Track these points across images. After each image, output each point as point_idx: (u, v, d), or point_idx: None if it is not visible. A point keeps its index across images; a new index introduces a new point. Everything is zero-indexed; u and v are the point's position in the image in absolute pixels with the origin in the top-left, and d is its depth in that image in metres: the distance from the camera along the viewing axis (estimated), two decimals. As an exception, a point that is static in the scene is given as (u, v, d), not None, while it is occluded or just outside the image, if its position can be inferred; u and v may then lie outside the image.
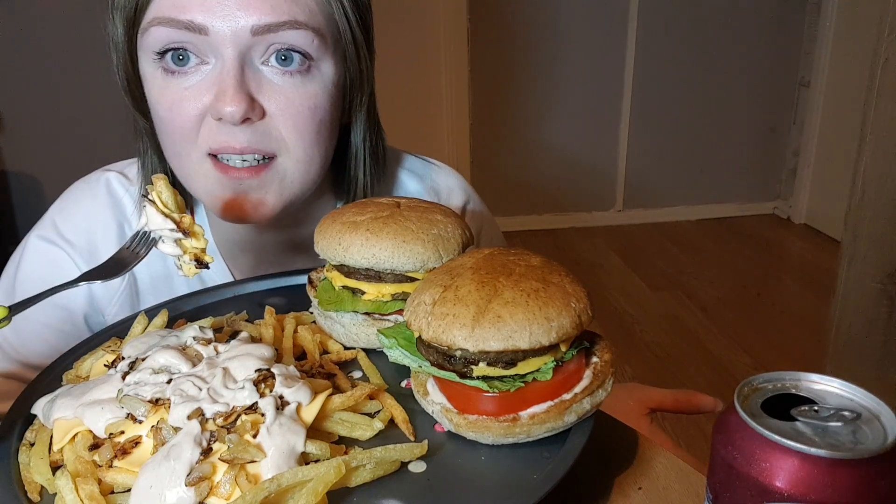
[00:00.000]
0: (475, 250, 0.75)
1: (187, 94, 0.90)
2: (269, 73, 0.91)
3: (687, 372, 3.13)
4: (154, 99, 0.93)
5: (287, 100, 0.91)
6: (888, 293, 2.32)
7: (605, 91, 4.58)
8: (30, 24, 3.44)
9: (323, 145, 0.97)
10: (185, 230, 0.77)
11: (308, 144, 0.94)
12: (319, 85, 0.93)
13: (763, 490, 0.48)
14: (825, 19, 4.38)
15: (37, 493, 0.62)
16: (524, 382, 0.65)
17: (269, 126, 0.91)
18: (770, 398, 0.53)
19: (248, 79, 0.89)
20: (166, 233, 0.76)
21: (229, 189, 0.93)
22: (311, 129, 0.94)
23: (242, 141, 0.90)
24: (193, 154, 0.93)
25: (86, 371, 0.78)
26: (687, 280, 4.01)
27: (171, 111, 0.91)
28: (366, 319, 0.82)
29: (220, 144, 0.90)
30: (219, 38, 0.86)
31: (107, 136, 1.00)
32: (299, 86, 0.91)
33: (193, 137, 0.91)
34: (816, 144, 4.61)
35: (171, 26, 0.87)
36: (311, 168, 0.97)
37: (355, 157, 1.07)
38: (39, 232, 1.08)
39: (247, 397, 0.64)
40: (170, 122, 0.92)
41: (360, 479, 0.62)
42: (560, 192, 4.74)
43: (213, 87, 0.89)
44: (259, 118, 0.90)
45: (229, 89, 0.87)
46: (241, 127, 0.89)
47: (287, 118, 0.91)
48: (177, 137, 0.92)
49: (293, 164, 0.95)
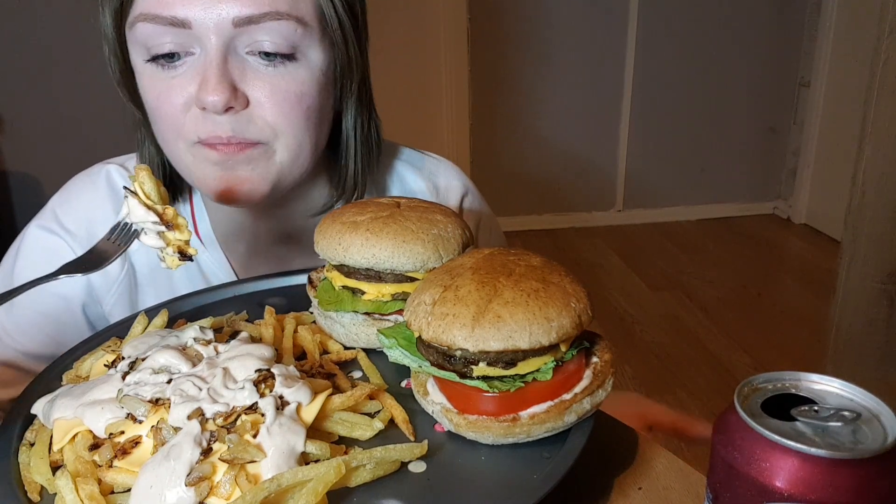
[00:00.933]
0: (475, 250, 0.75)
1: (173, 84, 0.91)
2: (253, 62, 0.91)
3: (687, 372, 3.13)
4: (144, 89, 0.94)
5: (272, 87, 0.91)
6: (888, 293, 2.32)
7: (605, 91, 4.58)
8: (30, 24, 3.44)
9: (313, 132, 0.97)
10: (168, 222, 0.76)
11: (298, 131, 0.94)
12: (307, 72, 0.93)
13: (763, 490, 0.48)
14: (825, 19, 4.38)
15: (37, 493, 0.62)
16: (524, 382, 0.65)
17: (254, 114, 0.92)
18: (770, 398, 0.53)
19: (232, 67, 0.90)
20: (149, 225, 0.75)
21: (220, 168, 0.94)
22: (299, 116, 0.94)
23: (227, 130, 0.91)
24: (181, 142, 0.94)
25: (86, 371, 0.78)
26: (687, 280, 4.01)
27: (158, 100, 0.92)
28: (366, 319, 0.82)
29: (207, 134, 0.91)
30: (201, 30, 0.87)
31: (107, 137, 1.00)
32: (285, 73, 0.92)
33: (180, 127, 0.92)
34: (816, 144, 4.61)
35: (155, 22, 0.88)
36: (301, 153, 0.97)
37: (346, 144, 1.07)
38: (40, 222, 1.09)
39: (247, 397, 0.64)
40: (158, 112, 0.93)
41: (360, 479, 0.62)
42: (560, 191, 4.74)
43: (197, 76, 0.89)
44: (243, 107, 0.91)
45: (212, 78, 0.87)
46: (226, 116, 0.90)
47: (273, 105, 0.92)
48: (166, 127, 0.94)
49: (283, 148, 0.95)
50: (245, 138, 0.92)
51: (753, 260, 4.39)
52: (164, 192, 0.81)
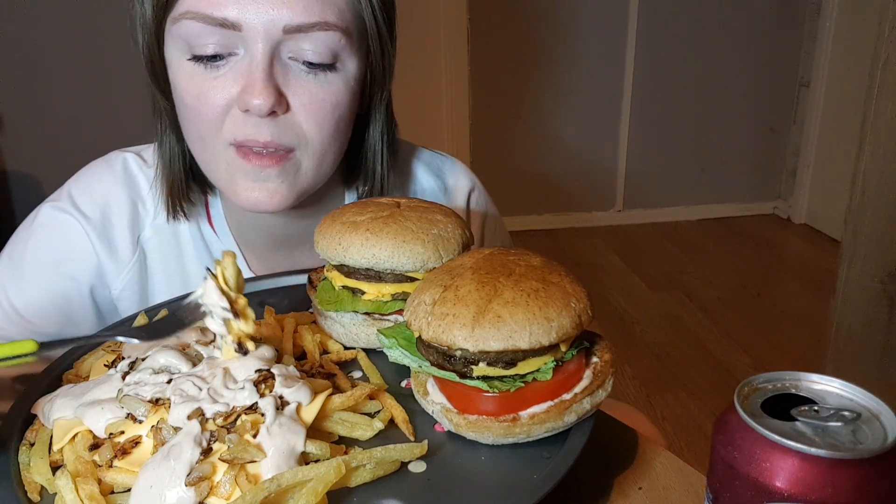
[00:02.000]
0: (475, 250, 0.75)
1: (215, 85, 0.90)
2: (295, 68, 0.91)
3: (687, 372, 3.13)
4: (180, 86, 0.93)
5: (311, 95, 0.92)
6: (888, 293, 2.32)
7: (605, 91, 4.58)
8: (30, 24, 3.44)
9: (339, 140, 0.99)
10: (237, 311, 0.74)
11: (325, 139, 0.96)
12: (343, 81, 0.94)
13: (763, 490, 0.48)
14: (825, 19, 4.37)
15: (37, 493, 0.62)
16: (524, 382, 0.65)
17: (291, 121, 0.92)
18: (770, 398, 0.53)
19: (277, 72, 0.90)
20: (218, 310, 0.74)
21: (250, 177, 0.94)
22: (330, 125, 0.95)
23: (266, 135, 0.91)
24: (217, 143, 0.93)
25: (86, 371, 0.78)
26: (687, 280, 4.01)
27: (197, 100, 0.91)
28: (366, 319, 0.82)
29: (245, 137, 0.91)
30: (251, 33, 0.87)
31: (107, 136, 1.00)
32: (324, 82, 0.93)
33: (218, 127, 0.92)
34: (816, 144, 4.60)
35: (204, 22, 0.87)
36: (325, 160, 0.98)
37: (373, 151, 1.09)
38: (54, 203, 1.08)
39: (247, 397, 0.65)
40: (195, 111, 0.92)
41: (360, 479, 0.62)
42: (560, 191, 4.74)
43: (241, 78, 0.89)
44: (284, 112, 0.91)
45: (258, 82, 0.87)
46: (267, 120, 0.90)
47: (310, 114, 0.92)
48: (201, 125, 0.93)
49: (309, 157, 0.96)
50: (281, 144, 0.92)
51: (753, 260, 4.39)
52: (241, 281, 0.78)
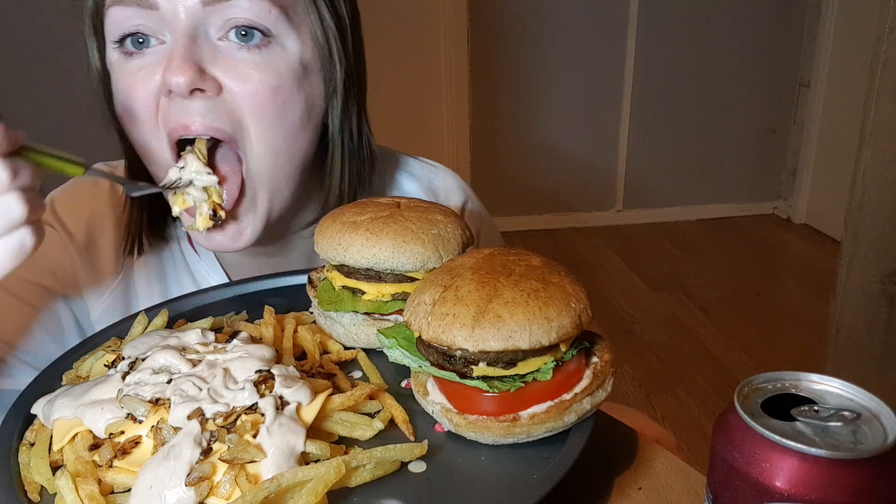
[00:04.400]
0: (475, 250, 0.75)
1: (141, 75, 0.87)
2: (225, 47, 0.87)
3: (687, 372, 3.13)
4: (116, 88, 0.91)
5: (244, 74, 0.86)
6: (888, 293, 2.33)
7: (605, 91, 4.58)
8: (29, 24, 3.44)
9: (288, 133, 0.91)
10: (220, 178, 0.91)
11: (268, 130, 0.89)
12: (283, 62, 0.88)
13: (763, 490, 0.48)
14: (825, 19, 4.37)
15: (37, 493, 0.62)
16: (524, 382, 0.65)
17: (225, 103, 0.87)
18: (770, 398, 0.53)
19: (201, 51, 0.86)
20: (202, 177, 0.87)
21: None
22: (270, 113, 0.88)
23: (197, 121, 0.87)
24: (161, 148, 0.90)
25: (86, 371, 0.78)
26: (687, 280, 4.01)
27: (128, 96, 0.89)
28: (366, 319, 0.82)
29: (176, 124, 0.87)
30: (169, 12, 0.84)
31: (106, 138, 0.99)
32: (259, 62, 0.87)
33: (154, 123, 0.89)
34: (816, 144, 4.60)
35: (122, 5, 0.86)
36: (275, 155, 0.91)
37: (332, 152, 1.00)
38: None
39: (247, 398, 0.64)
40: (129, 109, 0.89)
41: (360, 479, 0.62)
42: (560, 192, 4.74)
43: (163, 61, 0.86)
44: (215, 93, 0.86)
45: (176, 58, 0.84)
46: (197, 104, 0.86)
47: (246, 96, 0.87)
48: (138, 124, 0.90)
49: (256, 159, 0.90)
50: (217, 128, 0.88)
51: (753, 260, 4.39)
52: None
